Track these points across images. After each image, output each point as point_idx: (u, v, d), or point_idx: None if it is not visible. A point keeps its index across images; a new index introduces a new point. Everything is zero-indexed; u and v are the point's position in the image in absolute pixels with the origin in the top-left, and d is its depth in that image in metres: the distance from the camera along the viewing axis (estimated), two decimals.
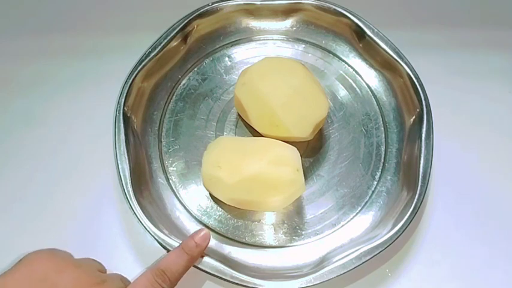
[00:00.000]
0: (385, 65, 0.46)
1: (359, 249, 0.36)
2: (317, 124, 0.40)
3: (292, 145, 0.38)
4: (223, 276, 0.35)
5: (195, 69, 0.47)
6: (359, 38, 0.47)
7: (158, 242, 0.37)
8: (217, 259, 0.36)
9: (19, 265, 0.32)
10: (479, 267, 0.40)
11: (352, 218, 0.41)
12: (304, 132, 0.39)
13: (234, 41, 0.48)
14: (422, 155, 0.40)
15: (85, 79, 0.48)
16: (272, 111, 0.38)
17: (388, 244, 0.37)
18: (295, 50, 0.48)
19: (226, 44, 0.48)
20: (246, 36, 0.49)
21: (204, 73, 0.47)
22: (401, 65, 0.44)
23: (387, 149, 0.44)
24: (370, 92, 0.47)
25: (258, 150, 0.37)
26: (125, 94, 0.42)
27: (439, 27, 0.52)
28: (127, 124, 0.41)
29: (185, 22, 0.45)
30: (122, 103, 0.41)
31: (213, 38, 0.48)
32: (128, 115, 0.42)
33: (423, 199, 0.39)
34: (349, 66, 0.48)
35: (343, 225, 0.40)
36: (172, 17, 0.46)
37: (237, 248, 0.39)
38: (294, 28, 0.49)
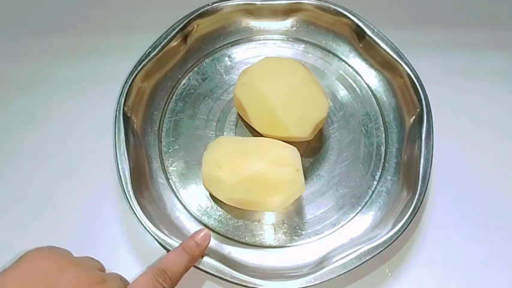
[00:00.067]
0: (385, 65, 0.46)
1: (359, 249, 0.36)
2: (317, 124, 0.40)
3: (292, 145, 0.38)
4: (223, 276, 0.35)
5: (195, 69, 0.47)
6: (359, 38, 0.47)
7: (158, 242, 0.37)
8: (217, 259, 0.36)
9: (19, 262, 0.31)
10: (479, 267, 0.40)
11: (352, 218, 0.41)
12: (304, 132, 0.39)
13: (234, 41, 0.48)
14: (422, 155, 0.40)
15: (85, 79, 0.48)
16: (272, 111, 0.38)
17: (388, 244, 0.37)
18: (295, 50, 0.48)
19: (226, 44, 0.48)
20: (246, 36, 0.49)
21: (204, 73, 0.47)
22: (401, 65, 0.44)
23: (387, 149, 0.44)
24: (370, 92, 0.47)
25: (258, 150, 0.37)
26: (125, 94, 0.42)
27: (439, 27, 0.52)
28: (127, 124, 0.41)
29: (185, 22, 0.45)
30: (122, 103, 0.41)
31: (213, 38, 0.48)
32: (128, 115, 0.42)
33: (423, 199, 0.39)
34: (349, 66, 0.48)
35: (343, 225, 0.40)
36: (172, 17, 0.46)
37: (237, 248, 0.39)
38: (294, 28, 0.49)
